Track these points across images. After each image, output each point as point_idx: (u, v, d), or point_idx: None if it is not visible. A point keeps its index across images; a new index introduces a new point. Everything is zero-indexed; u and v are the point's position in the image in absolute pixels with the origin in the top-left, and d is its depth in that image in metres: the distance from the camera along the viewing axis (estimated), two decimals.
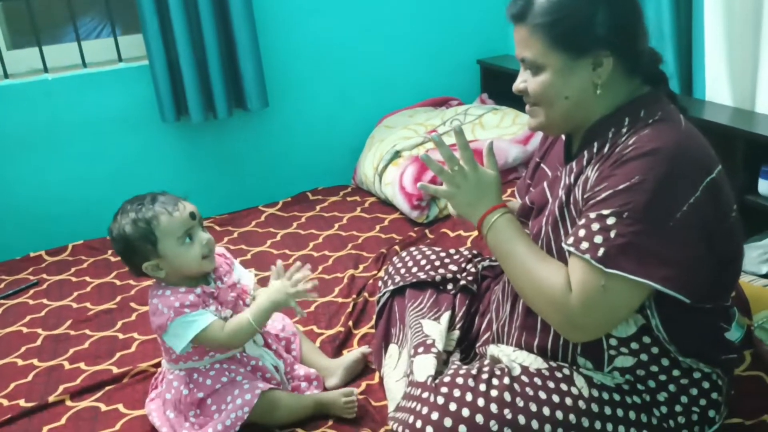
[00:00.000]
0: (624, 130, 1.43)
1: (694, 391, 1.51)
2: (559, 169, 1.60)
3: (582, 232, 1.38)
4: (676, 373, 1.50)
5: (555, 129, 1.57)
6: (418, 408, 1.49)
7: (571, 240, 1.40)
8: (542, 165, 1.72)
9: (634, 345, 1.49)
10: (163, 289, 1.80)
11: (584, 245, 1.37)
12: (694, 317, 1.46)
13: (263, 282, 2.07)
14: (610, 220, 1.35)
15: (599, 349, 1.51)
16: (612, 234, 1.34)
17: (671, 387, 1.51)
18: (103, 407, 1.98)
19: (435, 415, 1.45)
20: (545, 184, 1.61)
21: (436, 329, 1.82)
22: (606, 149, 1.44)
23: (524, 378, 1.51)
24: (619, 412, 1.48)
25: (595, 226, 1.36)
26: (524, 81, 1.51)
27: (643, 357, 1.49)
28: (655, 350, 1.49)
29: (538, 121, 1.54)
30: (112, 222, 1.82)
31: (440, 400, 1.47)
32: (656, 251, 1.33)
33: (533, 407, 1.46)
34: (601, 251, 1.34)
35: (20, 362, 2.23)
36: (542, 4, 1.42)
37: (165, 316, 1.75)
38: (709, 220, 1.36)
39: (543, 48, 1.43)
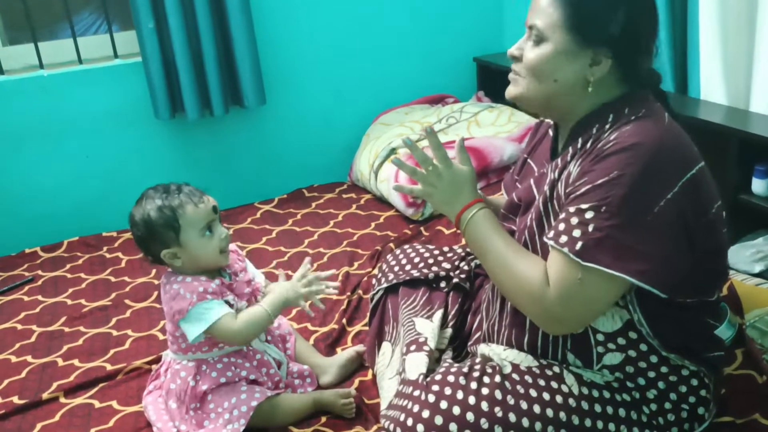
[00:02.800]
0: (607, 126, 1.44)
1: (683, 389, 1.52)
2: (545, 165, 1.60)
3: (561, 226, 1.39)
4: (664, 369, 1.50)
5: (530, 105, 1.56)
6: (410, 406, 1.49)
7: (551, 234, 1.41)
8: (529, 161, 1.72)
9: (621, 340, 1.49)
10: (183, 277, 1.80)
11: (563, 239, 1.38)
12: (678, 312, 1.47)
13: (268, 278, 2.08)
14: (589, 214, 1.36)
15: (587, 345, 1.51)
16: (590, 228, 1.35)
17: (660, 384, 1.51)
18: (97, 404, 1.98)
19: (426, 413, 1.45)
20: (532, 180, 1.62)
21: (428, 327, 1.82)
22: (589, 145, 1.45)
23: (515, 376, 1.52)
24: (609, 410, 1.49)
25: (574, 220, 1.37)
26: (520, 48, 1.51)
27: (631, 353, 1.50)
28: (643, 347, 1.49)
29: (518, 91, 1.53)
30: (134, 207, 1.82)
31: (431, 398, 1.48)
32: (632, 245, 1.34)
33: (524, 405, 1.46)
34: (578, 245, 1.36)
35: (14, 359, 2.24)
36: None
37: (187, 301, 1.75)
38: (687, 216, 1.36)
39: (556, 21, 1.43)
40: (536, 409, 1.46)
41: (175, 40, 2.95)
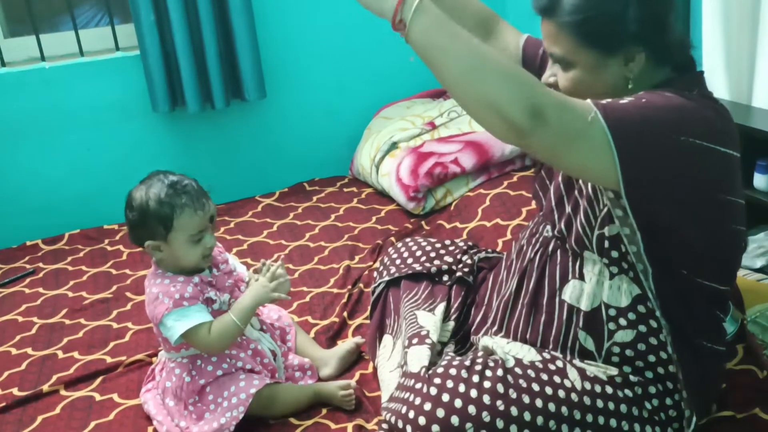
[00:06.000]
0: None
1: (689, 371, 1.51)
2: None
3: None
4: (672, 349, 1.50)
5: None
6: (411, 398, 1.50)
7: None
8: None
9: (631, 315, 1.49)
10: (162, 278, 1.80)
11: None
12: (691, 296, 1.47)
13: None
14: (626, 99, 1.33)
15: (599, 321, 1.52)
16: (623, 101, 1.32)
17: (671, 368, 1.51)
18: (98, 397, 1.98)
19: (428, 406, 1.46)
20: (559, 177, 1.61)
21: (430, 320, 1.82)
22: None
23: (518, 370, 1.52)
24: (611, 405, 1.49)
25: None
26: (554, 75, 1.49)
27: (642, 328, 1.50)
28: (653, 323, 1.49)
29: None
30: (137, 186, 1.80)
31: (433, 390, 1.48)
32: (646, 138, 1.30)
33: (526, 399, 1.46)
34: (604, 101, 1.31)
35: (14, 351, 2.24)
36: (571, 1, 1.40)
37: (163, 306, 1.75)
38: (703, 177, 1.35)
39: (573, 45, 1.41)
40: (538, 403, 1.46)
41: (176, 33, 2.95)
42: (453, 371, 1.51)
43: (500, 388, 1.47)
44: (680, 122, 1.32)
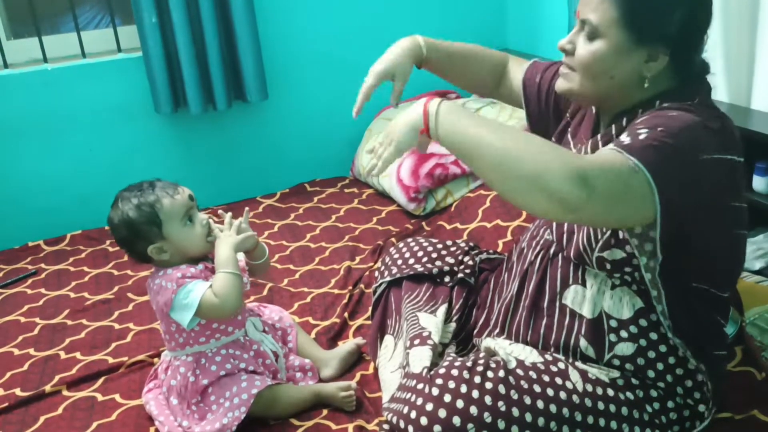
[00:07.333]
0: (655, 107, 1.44)
1: (689, 383, 1.53)
2: (584, 142, 1.59)
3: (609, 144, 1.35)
4: (672, 360, 1.51)
5: (583, 100, 1.55)
6: (413, 399, 1.50)
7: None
8: (568, 134, 1.70)
9: (633, 328, 1.50)
10: (164, 270, 1.82)
11: (610, 145, 1.34)
12: (693, 301, 1.48)
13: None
14: (643, 133, 1.32)
15: (600, 331, 1.53)
16: (641, 136, 1.31)
17: (669, 377, 1.52)
18: (100, 397, 1.99)
19: (429, 406, 1.46)
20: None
21: (432, 322, 1.83)
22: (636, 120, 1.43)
23: (519, 371, 1.52)
24: (612, 408, 1.50)
25: (625, 136, 1.34)
26: (571, 43, 1.48)
27: (642, 342, 1.51)
28: (653, 335, 1.50)
29: (571, 86, 1.51)
30: (111, 210, 1.83)
31: (435, 391, 1.48)
32: (676, 169, 1.30)
33: (527, 400, 1.47)
34: (627, 144, 1.31)
35: (17, 351, 2.25)
36: None
37: (169, 291, 1.77)
38: (718, 187, 1.37)
39: (611, 17, 1.40)
40: (540, 404, 1.47)
41: (178, 35, 2.95)
42: (455, 372, 1.51)
43: (502, 389, 1.48)
44: (697, 142, 1.33)
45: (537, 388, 1.49)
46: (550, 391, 1.49)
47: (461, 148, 1.35)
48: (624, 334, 1.51)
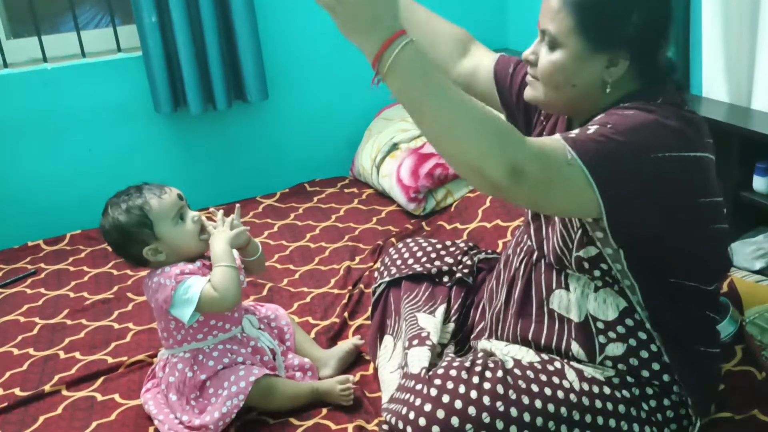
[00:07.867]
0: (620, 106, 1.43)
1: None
2: None
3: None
4: (665, 359, 1.51)
5: (551, 108, 1.56)
6: (412, 399, 1.50)
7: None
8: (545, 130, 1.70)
9: (620, 329, 1.50)
10: (161, 269, 1.83)
11: (558, 134, 1.35)
12: (675, 297, 1.48)
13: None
14: (591, 128, 1.34)
15: (589, 334, 1.53)
16: (590, 130, 1.33)
17: (665, 377, 1.52)
18: (99, 397, 1.99)
19: (428, 407, 1.46)
20: None
21: (431, 322, 1.83)
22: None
23: (517, 371, 1.52)
24: (609, 406, 1.50)
25: (575, 131, 1.35)
26: (534, 53, 1.48)
27: (632, 342, 1.51)
28: (642, 335, 1.50)
29: (536, 95, 1.51)
30: (102, 218, 1.86)
31: (433, 391, 1.49)
32: (621, 165, 1.31)
33: (525, 400, 1.47)
34: (573, 137, 1.32)
35: (16, 351, 2.25)
36: None
37: (168, 287, 1.78)
38: (676, 186, 1.36)
39: (568, 27, 1.40)
40: (537, 404, 1.47)
41: (178, 34, 2.95)
42: (453, 372, 1.52)
43: (500, 389, 1.48)
44: (648, 140, 1.33)
45: (535, 388, 1.49)
46: (547, 391, 1.49)
47: (407, 107, 1.29)
48: (612, 335, 1.51)
